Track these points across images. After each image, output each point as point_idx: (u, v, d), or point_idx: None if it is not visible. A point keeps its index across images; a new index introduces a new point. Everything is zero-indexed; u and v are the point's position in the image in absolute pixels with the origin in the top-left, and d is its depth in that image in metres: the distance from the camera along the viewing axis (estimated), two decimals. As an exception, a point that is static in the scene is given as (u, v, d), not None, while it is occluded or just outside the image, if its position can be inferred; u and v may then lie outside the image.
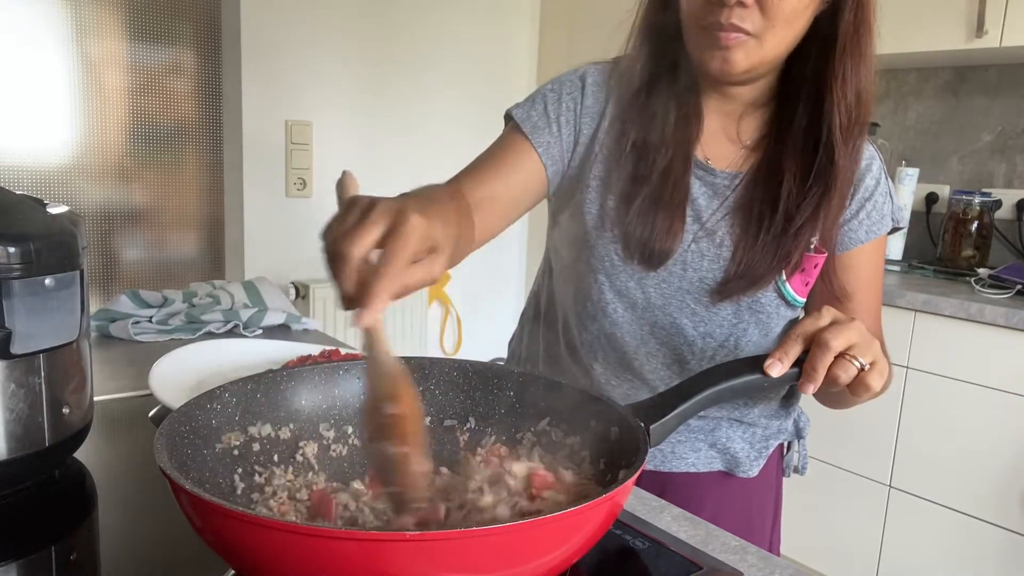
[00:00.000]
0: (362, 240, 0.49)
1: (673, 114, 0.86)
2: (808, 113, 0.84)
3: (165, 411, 0.87)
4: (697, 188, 0.88)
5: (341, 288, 0.49)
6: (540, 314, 1.04)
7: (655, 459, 0.96)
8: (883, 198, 0.91)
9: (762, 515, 1.01)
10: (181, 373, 0.95)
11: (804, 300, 0.90)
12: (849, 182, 0.85)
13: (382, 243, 0.49)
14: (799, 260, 0.85)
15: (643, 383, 0.93)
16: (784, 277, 0.87)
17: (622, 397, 0.92)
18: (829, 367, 0.66)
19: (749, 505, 0.99)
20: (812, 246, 0.86)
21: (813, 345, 0.66)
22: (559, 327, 0.99)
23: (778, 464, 1.03)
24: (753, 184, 0.87)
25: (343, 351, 1.05)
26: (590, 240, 0.90)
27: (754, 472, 0.97)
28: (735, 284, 0.86)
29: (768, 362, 0.66)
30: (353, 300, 0.49)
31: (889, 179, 0.92)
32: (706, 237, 0.88)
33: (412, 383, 0.53)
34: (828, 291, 0.89)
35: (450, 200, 0.65)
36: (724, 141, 0.90)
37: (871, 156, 0.90)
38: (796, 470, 1.05)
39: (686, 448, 0.96)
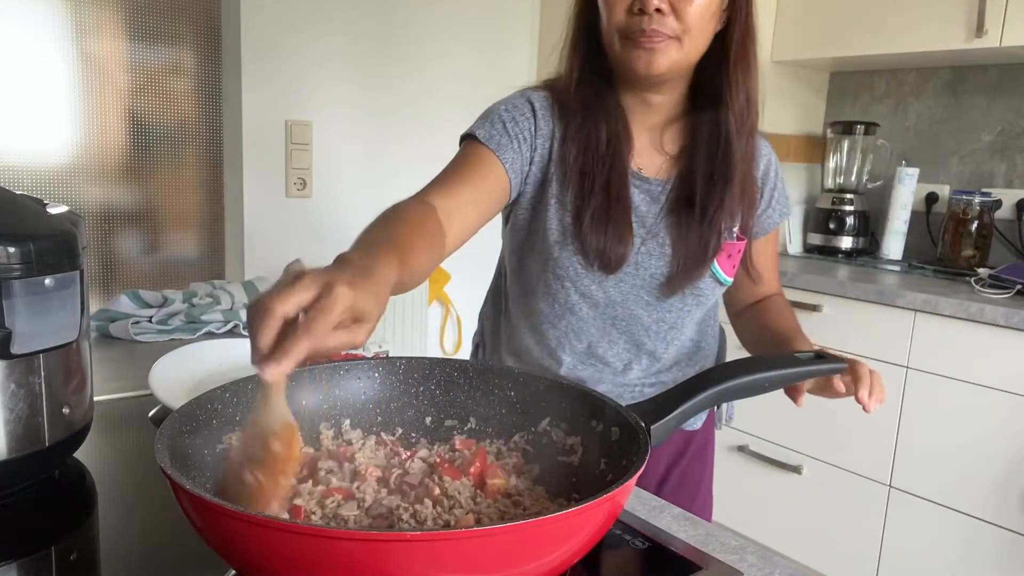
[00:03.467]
0: (288, 300, 0.50)
1: (606, 133, 0.98)
2: (710, 119, 0.98)
3: (165, 411, 0.87)
4: (637, 196, 1.00)
5: (256, 340, 0.49)
6: (501, 312, 1.16)
7: None
8: (782, 186, 1.10)
9: (701, 460, 1.18)
10: (181, 373, 0.95)
11: (732, 279, 1.05)
12: (747, 174, 0.99)
13: (308, 308, 0.50)
14: (718, 245, 0.99)
15: (606, 366, 1.06)
16: (717, 264, 1.01)
17: (590, 380, 1.06)
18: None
19: (687, 451, 1.15)
20: (734, 234, 1.01)
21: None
22: (527, 324, 1.09)
23: (711, 418, 1.20)
24: (678, 187, 1.00)
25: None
26: (555, 253, 1.00)
27: (697, 425, 1.15)
28: (679, 279, 1.00)
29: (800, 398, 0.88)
30: (264, 355, 0.49)
31: (781, 174, 1.09)
32: (651, 239, 1.00)
33: (299, 438, 0.54)
34: (743, 273, 1.07)
35: (391, 255, 0.65)
36: (652, 152, 1.02)
37: (769, 152, 1.07)
38: (726, 421, 1.22)
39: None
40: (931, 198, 2.46)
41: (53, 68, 2.20)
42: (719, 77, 0.96)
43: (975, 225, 2.22)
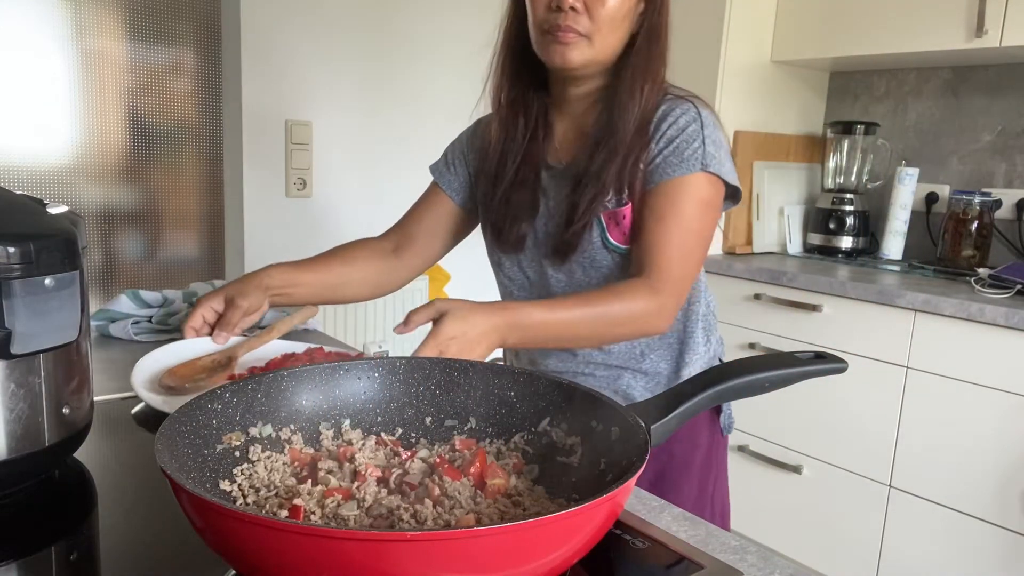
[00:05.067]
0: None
1: (523, 125, 1.10)
2: (611, 102, 1.05)
3: (148, 409, 0.88)
4: (547, 181, 1.10)
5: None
6: None
7: None
8: (687, 145, 1.01)
9: (684, 470, 1.14)
10: (161, 370, 0.96)
11: (628, 246, 1.06)
12: (626, 147, 1.02)
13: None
14: (590, 208, 1.03)
15: (568, 352, 1.13)
16: (607, 233, 1.05)
17: (541, 358, 1.16)
18: None
19: (669, 457, 1.12)
20: (622, 200, 1.03)
21: None
22: None
23: (709, 424, 1.16)
24: (577, 164, 1.07)
25: (327, 349, 1.05)
26: (487, 243, 1.16)
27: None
28: (557, 243, 1.07)
29: None
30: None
31: (711, 133, 1.03)
32: (554, 218, 1.08)
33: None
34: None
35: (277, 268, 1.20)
36: (573, 138, 1.10)
37: (681, 112, 1.03)
38: (723, 430, 1.19)
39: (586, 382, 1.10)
40: (931, 198, 2.46)
41: (53, 68, 2.20)
42: (625, 72, 1.03)
43: (975, 225, 2.22)
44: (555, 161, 1.10)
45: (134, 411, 0.88)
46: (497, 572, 0.45)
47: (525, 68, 1.09)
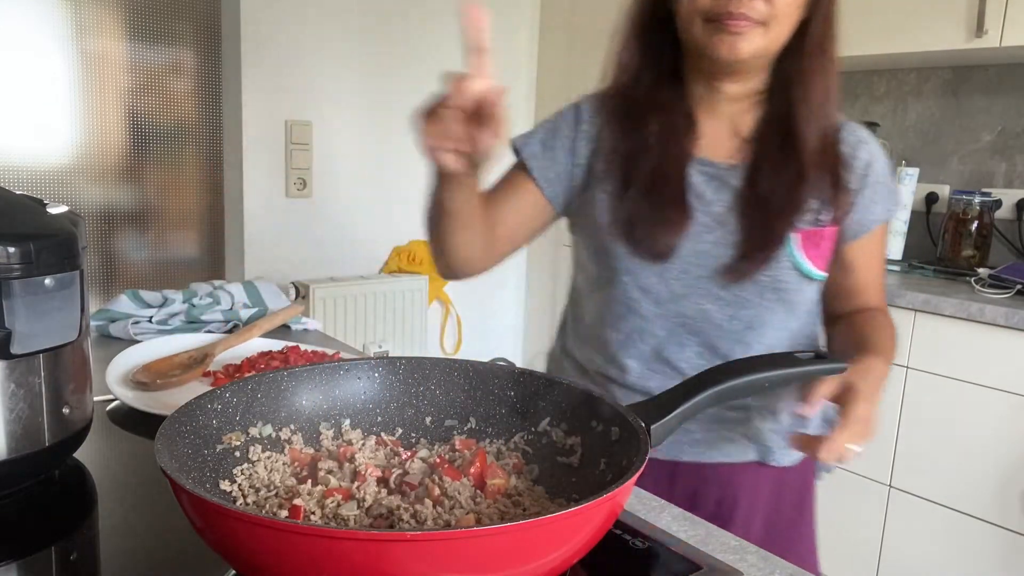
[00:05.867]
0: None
1: (660, 120, 0.96)
2: (783, 109, 0.94)
3: (122, 406, 0.88)
4: (700, 180, 0.95)
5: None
6: (568, 328, 1.12)
7: (695, 450, 0.99)
8: (890, 182, 1.00)
9: (797, 508, 1.04)
10: (136, 366, 0.97)
11: (823, 272, 0.96)
12: (825, 164, 0.93)
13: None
14: (786, 228, 0.92)
15: (677, 372, 0.97)
16: (801, 253, 0.93)
17: (658, 389, 0.94)
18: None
19: (781, 494, 1.02)
20: (821, 222, 0.93)
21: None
22: (588, 330, 1.04)
23: (811, 464, 1.06)
24: (751, 172, 0.94)
25: (303, 347, 1.05)
26: (607, 246, 0.96)
27: (786, 461, 1.00)
28: (744, 264, 0.92)
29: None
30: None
31: (888, 169, 1.00)
32: (718, 226, 0.93)
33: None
34: (839, 274, 0.99)
35: None
36: (724, 138, 0.97)
37: (871, 144, 0.99)
38: (825, 470, 1.09)
39: (723, 440, 0.99)
40: (931, 198, 2.46)
41: (53, 68, 2.20)
42: (797, 66, 0.92)
43: (975, 225, 2.22)
44: (708, 159, 0.96)
45: (108, 408, 0.88)
46: (497, 572, 0.45)
47: (657, 53, 0.97)
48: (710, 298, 0.94)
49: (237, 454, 0.62)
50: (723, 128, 0.97)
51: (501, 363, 0.75)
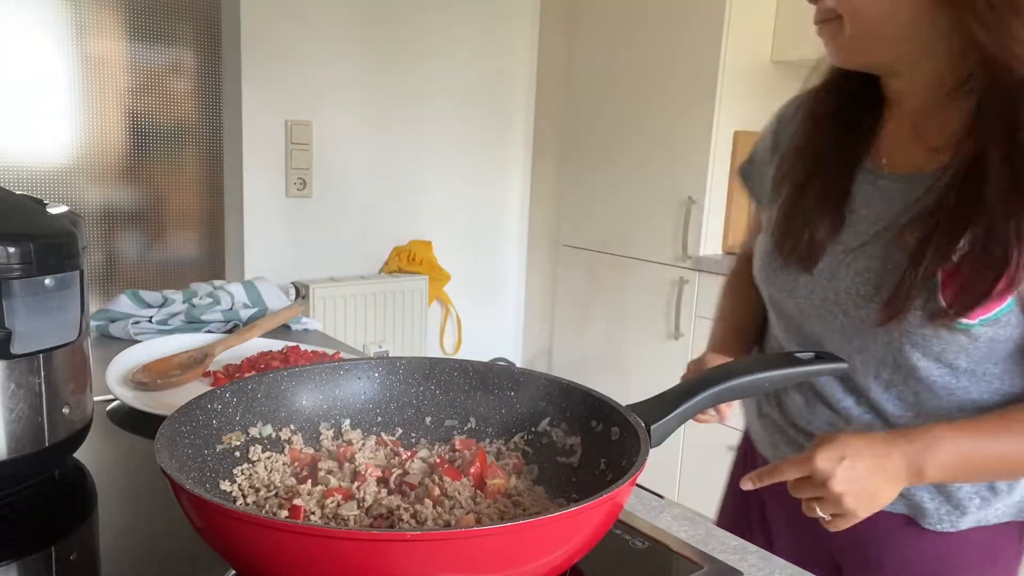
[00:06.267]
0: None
1: (834, 123, 0.85)
2: (996, 103, 0.70)
3: (122, 406, 0.88)
4: (868, 192, 0.80)
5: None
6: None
7: None
8: None
9: None
10: (135, 366, 0.97)
11: (973, 323, 0.71)
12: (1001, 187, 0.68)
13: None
14: (931, 264, 0.70)
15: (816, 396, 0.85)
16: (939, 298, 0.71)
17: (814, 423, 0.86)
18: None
19: (943, 564, 0.83)
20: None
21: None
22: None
23: (1014, 539, 0.83)
24: (946, 189, 0.72)
25: (303, 348, 1.05)
26: (760, 246, 0.91)
27: (945, 526, 0.80)
28: (893, 306, 0.73)
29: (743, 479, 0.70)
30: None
31: None
32: (872, 242, 0.77)
33: None
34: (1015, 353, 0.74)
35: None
36: (907, 145, 0.80)
37: None
38: None
39: None
40: (931, 198, 2.46)
41: (53, 68, 2.20)
42: (993, 38, 0.66)
43: (975, 225, 2.22)
44: (876, 164, 0.81)
45: (108, 408, 0.88)
46: (497, 572, 0.45)
47: None
48: (834, 326, 0.81)
49: (237, 454, 0.62)
50: (902, 127, 0.81)
51: (501, 363, 0.75)
